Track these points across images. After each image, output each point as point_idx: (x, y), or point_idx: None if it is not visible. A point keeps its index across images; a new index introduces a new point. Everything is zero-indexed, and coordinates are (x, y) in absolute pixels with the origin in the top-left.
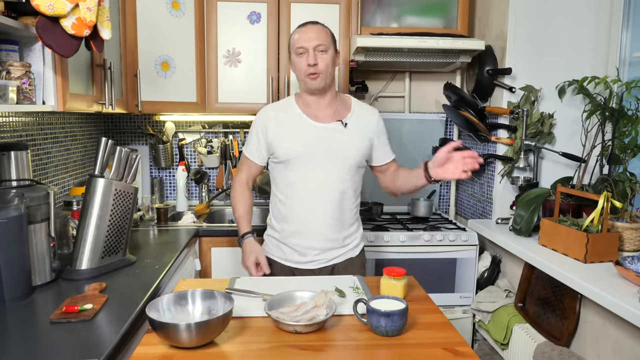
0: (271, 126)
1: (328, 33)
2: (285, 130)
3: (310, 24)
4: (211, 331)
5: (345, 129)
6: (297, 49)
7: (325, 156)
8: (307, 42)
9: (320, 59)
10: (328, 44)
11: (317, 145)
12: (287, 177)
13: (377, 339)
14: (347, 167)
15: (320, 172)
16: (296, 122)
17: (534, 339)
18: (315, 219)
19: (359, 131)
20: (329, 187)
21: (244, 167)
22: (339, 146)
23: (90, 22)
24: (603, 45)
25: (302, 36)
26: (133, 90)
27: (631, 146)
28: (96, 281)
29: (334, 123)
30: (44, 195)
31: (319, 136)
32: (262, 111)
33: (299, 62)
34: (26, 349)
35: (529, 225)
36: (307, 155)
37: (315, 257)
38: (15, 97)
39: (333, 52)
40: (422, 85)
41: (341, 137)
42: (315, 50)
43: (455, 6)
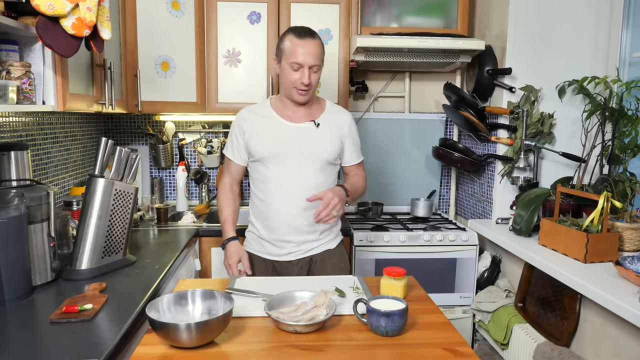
0: (247, 127)
1: (322, 48)
2: (259, 130)
3: (308, 36)
4: (211, 331)
5: (317, 128)
6: (293, 63)
7: (298, 154)
8: (304, 60)
9: (313, 78)
10: (321, 62)
11: (290, 144)
12: (262, 175)
13: (377, 339)
14: (319, 164)
15: (294, 170)
16: (270, 122)
17: (534, 339)
18: (291, 214)
19: (331, 130)
20: (303, 184)
21: (226, 169)
22: (311, 144)
23: (90, 22)
24: (603, 45)
25: (300, 50)
26: (133, 90)
27: (631, 146)
28: (96, 281)
29: (307, 123)
30: (44, 195)
31: (292, 135)
32: (239, 114)
33: (290, 75)
34: (26, 349)
35: (529, 225)
36: (281, 153)
37: (292, 249)
38: (15, 97)
39: (322, 66)
40: (422, 85)
41: (313, 136)
42: (310, 69)
43: (455, 6)
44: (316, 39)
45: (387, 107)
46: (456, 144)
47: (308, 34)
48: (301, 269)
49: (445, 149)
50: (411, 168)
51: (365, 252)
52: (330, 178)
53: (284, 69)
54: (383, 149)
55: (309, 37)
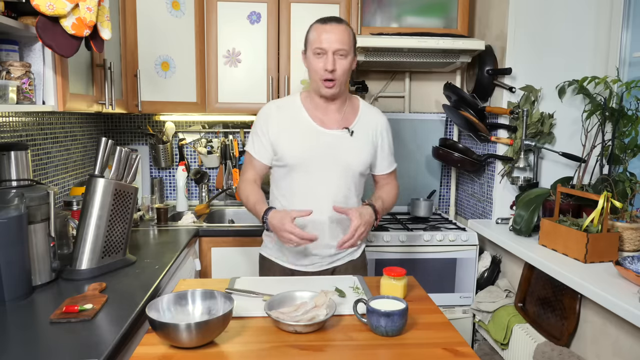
0: (273, 125)
1: (350, 34)
2: (288, 132)
3: (333, 21)
4: (211, 331)
5: (351, 137)
6: (316, 48)
7: (329, 163)
8: (327, 44)
9: (339, 65)
10: (349, 48)
11: (321, 152)
12: (288, 182)
13: (377, 339)
14: (350, 175)
15: (323, 179)
16: (300, 125)
17: (534, 339)
18: (316, 226)
19: (365, 138)
20: (331, 195)
21: (249, 166)
22: (343, 154)
23: (90, 22)
24: (603, 45)
25: (324, 35)
26: (133, 90)
27: (631, 146)
28: (96, 281)
29: (340, 130)
30: (44, 195)
31: (323, 142)
32: (264, 108)
33: (315, 63)
34: (26, 349)
35: (529, 225)
36: (310, 161)
37: (316, 261)
38: (15, 97)
39: (352, 56)
40: (422, 85)
41: (346, 145)
42: (335, 54)
43: (455, 6)
44: (342, 24)
45: (387, 107)
46: (456, 144)
47: (334, 19)
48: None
49: (445, 149)
50: (411, 168)
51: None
52: (359, 189)
53: (309, 59)
54: None
55: (334, 22)
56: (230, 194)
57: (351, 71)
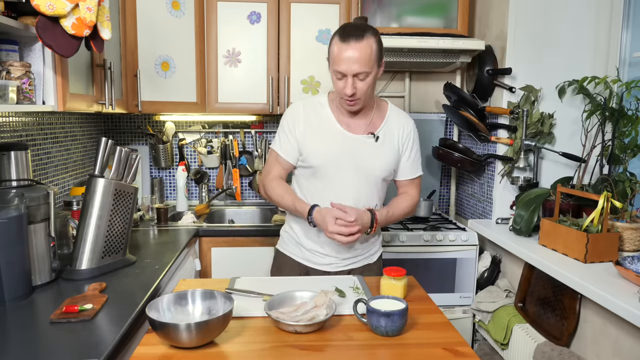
0: (300, 125)
1: (373, 48)
2: (314, 134)
3: (353, 38)
4: (211, 331)
5: (376, 142)
6: (335, 71)
7: (352, 168)
8: (346, 67)
9: (359, 87)
10: (371, 67)
11: (344, 156)
12: (311, 183)
13: (377, 339)
14: (373, 181)
15: (345, 183)
16: (326, 127)
17: (534, 339)
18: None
19: (390, 144)
20: (353, 200)
21: (276, 164)
22: (368, 160)
23: (90, 22)
24: (603, 45)
25: (343, 56)
26: (133, 90)
27: (631, 146)
28: (96, 281)
29: (365, 135)
30: (44, 195)
31: (348, 147)
32: (292, 107)
33: (336, 82)
34: (26, 349)
35: (529, 225)
36: (334, 165)
37: (333, 261)
38: (15, 97)
39: (376, 70)
40: (422, 85)
41: (370, 151)
42: (355, 77)
43: (455, 6)
44: (364, 40)
45: None
46: (456, 144)
47: (354, 35)
48: None
49: (445, 149)
50: None
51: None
52: (381, 194)
53: (332, 76)
54: None
55: (353, 39)
56: (230, 194)
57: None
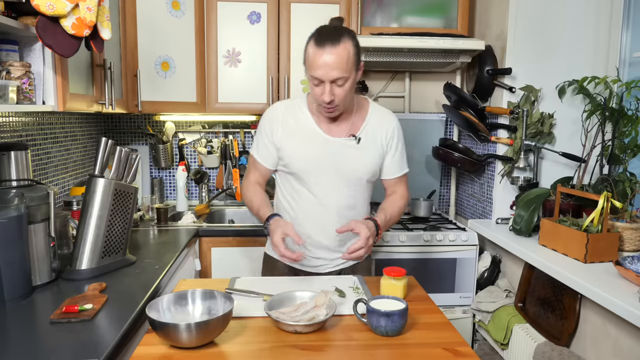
0: (279, 130)
1: (350, 52)
2: (293, 138)
3: (329, 42)
4: (211, 331)
5: (358, 144)
6: (312, 77)
7: (334, 172)
8: (323, 73)
9: (337, 93)
10: (349, 71)
11: (326, 161)
12: (294, 188)
13: (377, 339)
14: (357, 183)
15: (328, 187)
16: (306, 131)
17: (534, 339)
18: (323, 232)
19: (373, 145)
20: (338, 203)
21: (253, 169)
22: (350, 163)
23: (90, 22)
24: (603, 45)
25: (319, 61)
26: (133, 90)
27: (631, 146)
28: (96, 281)
29: (346, 138)
30: (44, 195)
31: (329, 151)
32: (270, 111)
33: (313, 88)
34: (26, 348)
35: (529, 225)
36: (316, 169)
37: (322, 263)
38: (15, 97)
39: (355, 74)
40: (422, 85)
41: (352, 154)
42: (333, 84)
43: (455, 6)
44: (340, 45)
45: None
46: (456, 144)
47: (330, 39)
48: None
49: (445, 149)
50: (411, 168)
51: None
52: (366, 195)
53: (308, 80)
54: None
55: (330, 44)
56: (230, 194)
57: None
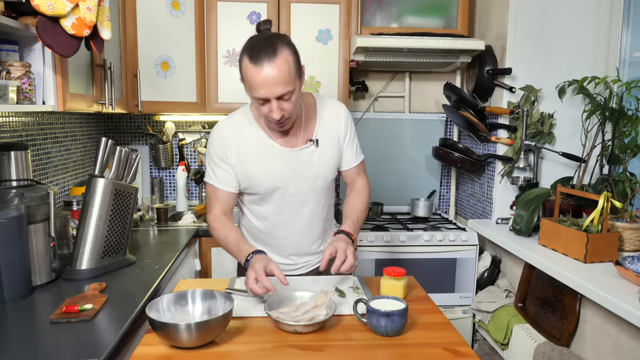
0: (232, 153)
1: (290, 64)
2: (251, 159)
3: (265, 57)
4: (211, 331)
5: (318, 147)
6: (256, 98)
7: (301, 181)
8: (267, 92)
9: (287, 107)
10: (293, 83)
11: (291, 173)
12: (262, 207)
13: (377, 339)
14: (324, 186)
15: (297, 199)
16: (261, 148)
17: (534, 339)
18: (296, 240)
19: (330, 141)
20: (309, 210)
21: (214, 201)
22: (315, 168)
23: (90, 22)
24: (603, 45)
25: (259, 80)
26: (133, 90)
27: (631, 146)
28: (96, 281)
29: (305, 146)
30: (44, 195)
31: (291, 163)
32: (215, 134)
33: (260, 108)
34: (26, 348)
35: (529, 225)
36: (282, 185)
37: (300, 266)
38: (15, 97)
39: (299, 82)
40: (422, 85)
41: (315, 158)
42: (279, 100)
43: (455, 6)
44: (278, 57)
45: (387, 107)
46: (456, 144)
47: (265, 52)
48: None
49: (445, 149)
50: (411, 168)
51: (365, 252)
52: (331, 191)
53: (252, 101)
54: (383, 149)
55: (266, 58)
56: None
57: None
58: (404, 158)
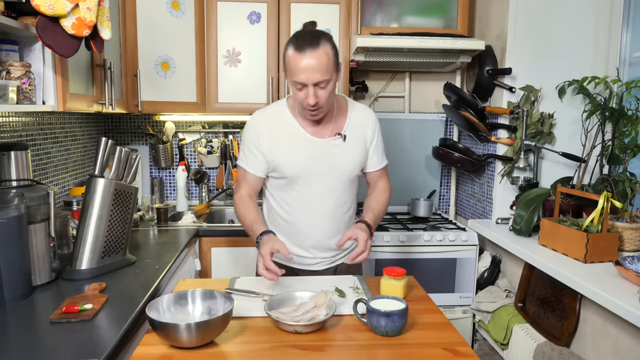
0: (265, 139)
1: (330, 55)
2: (281, 145)
3: (309, 47)
4: (211, 331)
5: (344, 142)
6: (295, 82)
7: (325, 172)
8: (306, 77)
9: (321, 95)
10: (330, 73)
11: (316, 162)
12: (286, 193)
13: (377, 339)
14: (347, 180)
15: (321, 189)
16: (293, 136)
17: (534, 339)
18: (317, 231)
19: (357, 140)
20: (331, 201)
21: (243, 182)
22: (339, 160)
23: (90, 22)
24: (603, 45)
25: (301, 66)
26: (133, 90)
27: (631, 146)
28: (96, 281)
29: (333, 138)
30: (44, 195)
31: (318, 152)
32: (252, 121)
33: (296, 93)
34: (26, 348)
35: (529, 225)
36: (307, 172)
37: (318, 261)
38: (15, 97)
39: (335, 75)
40: (422, 85)
41: (341, 152)
42: (316, 87)
43: (455, 6)
44: (320, 48)
45: (387, 107)
46: (456, 144)
47: (309, 43)
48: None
49: (445, 149)
50: (411, 168)
51: None
52: (354, 190)
53: (290, 85)
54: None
55: (309, 48)
56: (230, 194)
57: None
58: (404, 158)
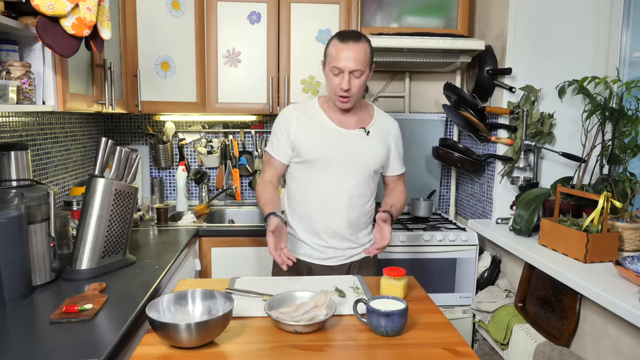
0: (294, 126)
1: (367, 50)
2: (308, 131)
3: (351, 39)
4: (211, 331)
5: (367, 136)
6: (333, 67)
7: (346, 161)
8: (344, 63)
9: (354, 84)
10: (365, 67)
11: (339, 150)
12: (307, 179)
13: (377, 339)
14: (366, 173)
15: (340, 176)
16: (320, 124)
17: (534, 339)
18: (334, 220)
19: (380, 138)
20: (348, 191)
21: (268, 166)
22: (360, 152)
23: (90, 22)
24: (603, 45)
25: (341, 54)
26: (133, 90)
27: (631, 146)
28: (96, 281)
29: (357, 130)
30: (44, 195)
31: (341, 141)
32: (284, 111)
33: (332, 79)
34: (26, 348)
35: (529, 225)
36: (329, 158)
37: (333, 254)
38: (15, 97)
39: (368, 71)
40: (422, 85)
41: (362, 144)
42: (351, 74)
43: (455, 6)
44: (361, 43)
45: (387, 107)
46: (456, 144)
47: (352, 37)
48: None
49: (445, 149)
50: (411, 168)
51: None
52: (373, 187)
53: (327, 75)
54: None
55: (352, 41)
56: (230, 194)
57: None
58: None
